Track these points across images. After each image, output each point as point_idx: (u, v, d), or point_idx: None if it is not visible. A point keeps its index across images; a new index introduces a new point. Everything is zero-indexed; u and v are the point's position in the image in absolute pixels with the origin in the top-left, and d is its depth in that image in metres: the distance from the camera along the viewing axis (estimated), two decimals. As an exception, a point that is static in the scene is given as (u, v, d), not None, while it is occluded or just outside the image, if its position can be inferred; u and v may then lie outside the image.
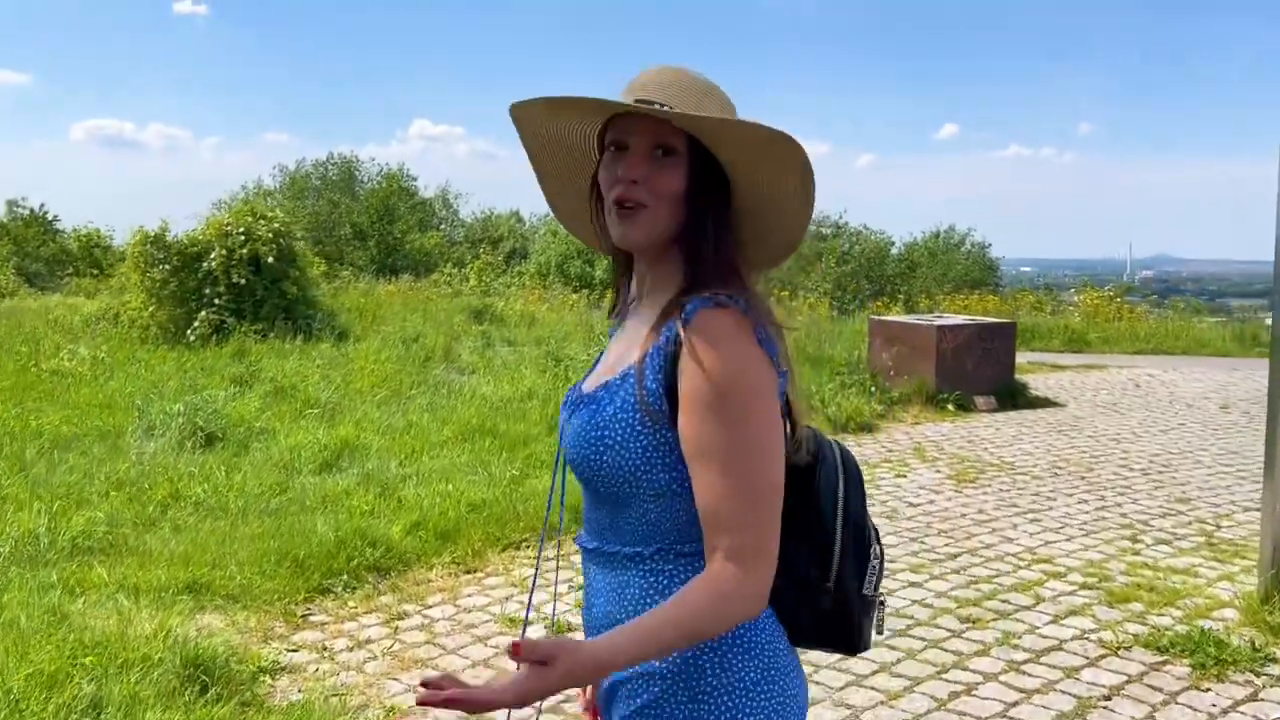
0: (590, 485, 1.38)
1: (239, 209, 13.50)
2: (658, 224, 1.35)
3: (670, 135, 1.33)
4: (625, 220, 1.35)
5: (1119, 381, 11.84)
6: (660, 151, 1.34)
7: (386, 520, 5.53)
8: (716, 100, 1.37)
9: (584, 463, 1.36)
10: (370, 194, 32.36)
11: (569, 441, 1.39)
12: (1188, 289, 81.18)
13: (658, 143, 1.34)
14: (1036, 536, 5.58)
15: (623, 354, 1.41)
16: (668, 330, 1.32)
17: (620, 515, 1.36)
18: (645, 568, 1.35)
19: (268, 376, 9.50)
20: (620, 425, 1.33)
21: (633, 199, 1.33)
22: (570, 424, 1.40)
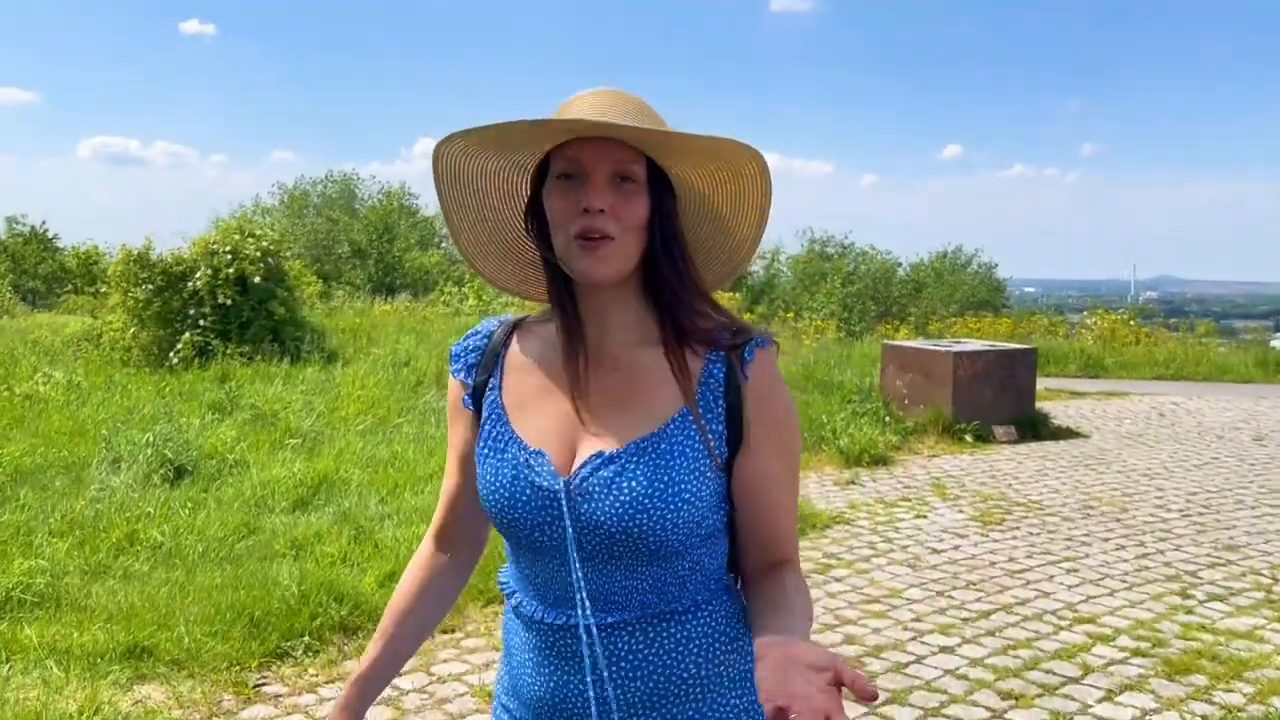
0: (638, 550, 1.27)
1: (226, 227, 13.03)
2: (625, 255, 1.28)
3: (631, 161, 1.27)
4: (591, 254, 1.26)
5: (1142, 410, 11.32)
6: (620, 179, 1.27)
7: (359, 569, 5.02)
8: (660, 121, 1.33)
9: (647, 527, 1.25)
10: (370, 212, 31.95)
11: (613, 509, 1.26)
12: (1192, 310, 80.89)
13: (619, 170, 1.27)
14: (1075, 590, 5.06)
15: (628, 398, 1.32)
16: (715, 372, 1.31)
17: (668, 571, 1.30)
18: (705, 613, 1.32)
19: (248, 403, 9.00)
20: (694, 476, 1.28)
21: (598, 230, 1.25)
22: (614, 488, 1.26)
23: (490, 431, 1.37)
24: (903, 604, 4.86)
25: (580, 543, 1.28)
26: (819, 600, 4.89)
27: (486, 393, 1.41)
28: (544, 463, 1.30)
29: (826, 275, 29.03)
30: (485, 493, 1.35)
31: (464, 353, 1.45)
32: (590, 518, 1.27)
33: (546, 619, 1.32)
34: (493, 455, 1.35)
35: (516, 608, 1.38)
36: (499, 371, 1.41)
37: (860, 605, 4.84)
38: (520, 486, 1.31)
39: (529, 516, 1.30)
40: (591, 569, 1.29)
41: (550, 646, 1.32)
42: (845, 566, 5.44)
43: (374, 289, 25.83)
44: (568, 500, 1.28)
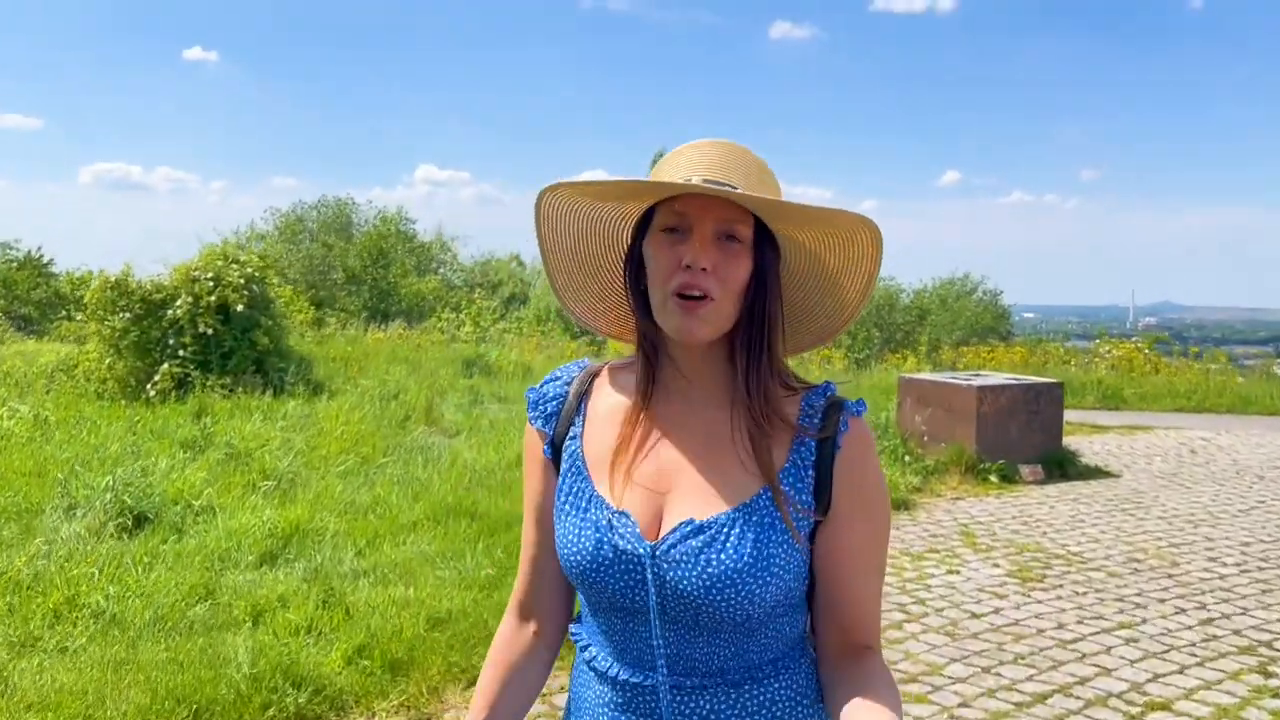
0: (723, 621, 1.24)
1: (209, 252, 12.46)
2: (723, 317, 1.25)
3: (737, 219, 1.25)
4: (689, 313, 1.23)
5: (1171, 446, 10.73)
6: (726, 237, 1.24)
7: (325, 641, 4.42)
8: (770, 177, 1.31)
9: (734, 600, 1.22)
10: (364, 237, 31.43)
11: (701, 580, 1.22)
12: (1191, 336, 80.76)
13: (723, 228, 1.24)
14: (1139, 666, 4.45)
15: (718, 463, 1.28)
16: (806, 440, 1.28)
17: (751, 640, 1.27)
18: (786, 677, 1.30)
19: (223, 440, 8.40)
20: (783, 549, 1.25)
21: (700, 288, 1.23)
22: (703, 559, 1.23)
23: (571, 486, 1.33)
24: (945, 683, 4.26)
25: (664, 609, 1.26)
26: (849, 678, 4.28)
27: (567, 443, 1.36)
28: (629, 525, 1.27)
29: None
30: (566, 552, 1.31)
31: (542, 400, 1.40)
32: (676, 586, 1.24)
33: (623, 676, 1.30)
34: (574, 513, 1.31)
35: (590, 661, 1.34)
36: (581, 421, 1.37)
37: (897, 685, 4.22)
38: (604, 549, 1.27)
39: (612, 580, 1.27)
40: (673, 634, 1.27)
41: (628, 703, 1.30)
42: (875, 635, 4.83)
43: (368, 316, 25.27)
44: (653, 566, 1.25)
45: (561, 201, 1.34)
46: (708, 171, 1.25)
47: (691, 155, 1.29)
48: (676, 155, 1.30)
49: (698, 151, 1.29)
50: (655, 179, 1.29)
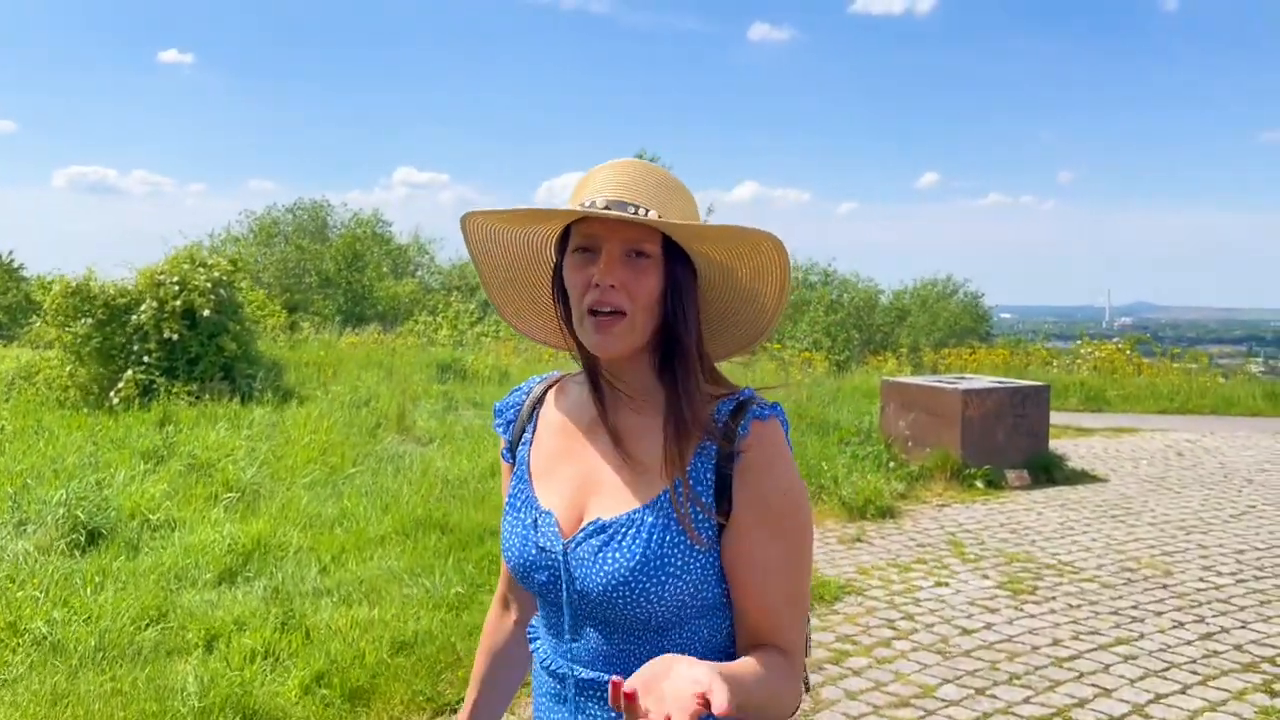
0: (627, 620, 1.28)
1: (175, 256, 12.12)
2: (636, 330, 1.31)
3: (644, 238, 1.29)
4: (602, 330, 1.29)
5: (1157, 449, 10.58)
6: (634, 254, 1.29)
7: (282, 668, 4.16)
8: (681, 195, 1.36)
9: (630, 599, 1.27)
10: (339, 240, 31.04)
11: (599, 579, 1.28)
12: (1166, 336, 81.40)
13: (630, 246, 1.29)
14: (1140, 686, 4.25)
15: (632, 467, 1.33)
16: (708, 445, 1.29)
17: (665, 639, 1.29)
18: None
19: (185, 450, 8.11)
20: (679, 550, 1.27)
21: (610, 303, 1.28)
22: (601, 558, 1.29)
23: (515, 489, 1.42)
24: (938, 707, 4.04)
25: (575, 605, 1.32)
26: (835, 702, 4.06)
27: (519, 448, 1.45)
28: (550, 524, 1.34)
29: (809, 304, 28.31)
30: (504, 549, 1.41)
31: (504, 409, 1.50)
32: (581, 584, 1.30)
33: (555, 667, 1.36)
34: (511, 512, 1.41)
35: (536, 651, 1.42)
36: (532, 428, 1.45)
37: (887, 710, 4.00)
38: (529, 547, 1.35)
39: (537, 575, 1.34)
40: (591, 629, 1.32)
41: (557, 692, 1.36)
42: (863, 654, 4.61)
43: (343, 320, 24.91)
44: (564, 564, 1.32)
45: (487, 227, 1.40)
46: (614, 192, 1.30)
47: (601, 176, 1.34)
48: (589, 177, 1.35)
49: (607, 172, 1.34)
50: (570, 200, 1.35)
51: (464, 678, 4.11)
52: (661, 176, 1.36)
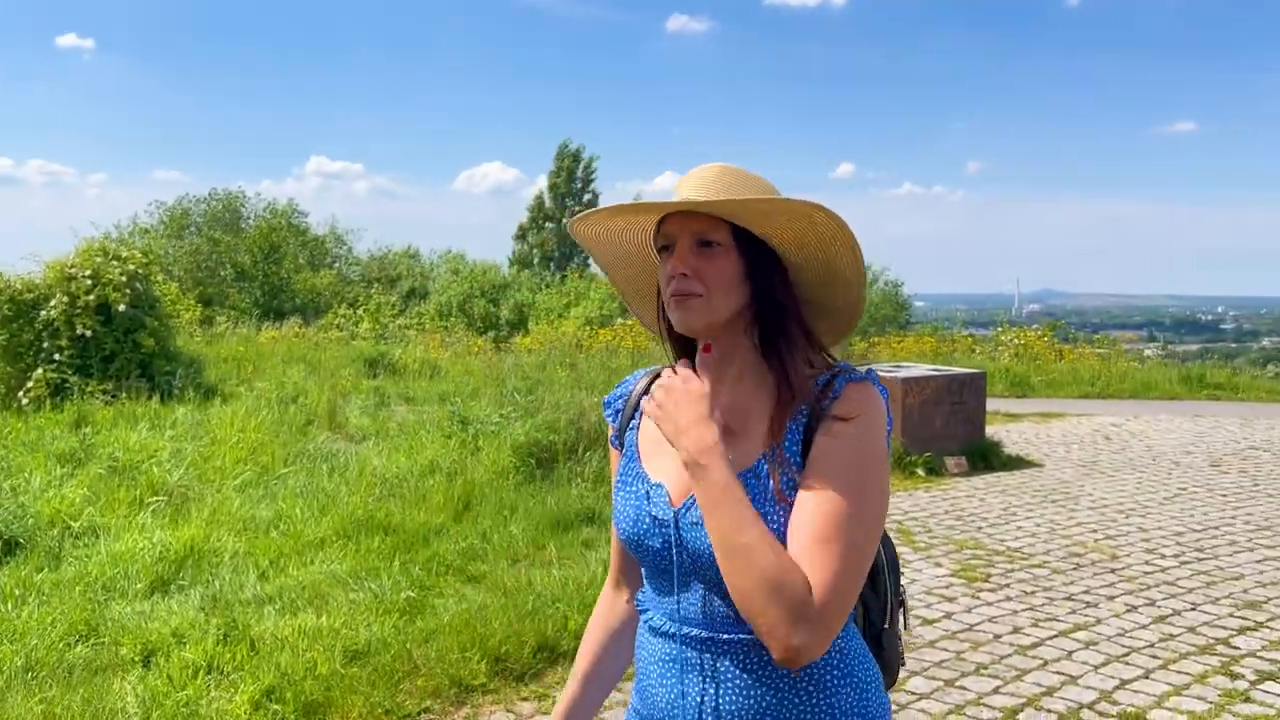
0: None
1: (86, 248, 11.59)
2: (712, 309, 1.40)
3: (709, 228, 1.39)
4: (681, 308, 1.40)
5: (1085, 433, 10.80)
6: (701, 243, 1.39)
7: (229, 683, 3.93)
8: (756, 188, 1.43)
9: None
10: (254, 231, 30.17)
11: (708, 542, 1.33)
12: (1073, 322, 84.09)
13: (698, 237, 1.40)
14: (1103, 673, 4.26)
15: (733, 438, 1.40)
16: (803, 410, 1.38)
17: None
18: None
19: (106, 452, 7.73)
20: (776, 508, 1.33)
21: (684, 290, 1.39)
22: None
23: (625, 467, 1.54)
24: (909, 699, 3.99)
25: (687, 568, 1.40)
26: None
27: (628, 433, 1.57)
28: (662, 495, 1.44)
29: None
30: (617, 522, 1.52)
31: (613, 400, 1.64)
32: (694, 546, 1.37)
33: (671, 629, 1.43)
34: (623, 488, 1.52)
35: (648, 621, 1.48)
36: (639, 414, 1.57)
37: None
38: (642, 518, 1.45)
39: (649, 541, 1.44)
40: (698, 590, 1.40)
41: (674, 656, 1.43)
42: (828, 648, 4.55)
43: (260, 314, 24.23)
44: (675, 530, 1.40)
45: (590, 228, 1.52)
46: (689, 193, 1.42)
47: (684, 182, 1.45)
48: (678, 183, 1.47)
49: (686, 179, 1.46)
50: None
51: (423, 687, 3.94)
52: (733, 174, 1.44)
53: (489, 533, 6.09)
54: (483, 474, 7.33)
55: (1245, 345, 66.42)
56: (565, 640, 4.37)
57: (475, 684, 4.02)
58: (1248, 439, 10.46)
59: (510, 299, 28.60)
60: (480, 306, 28.41)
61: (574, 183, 42.02)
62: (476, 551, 5.78)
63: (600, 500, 6.72)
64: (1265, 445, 10.06)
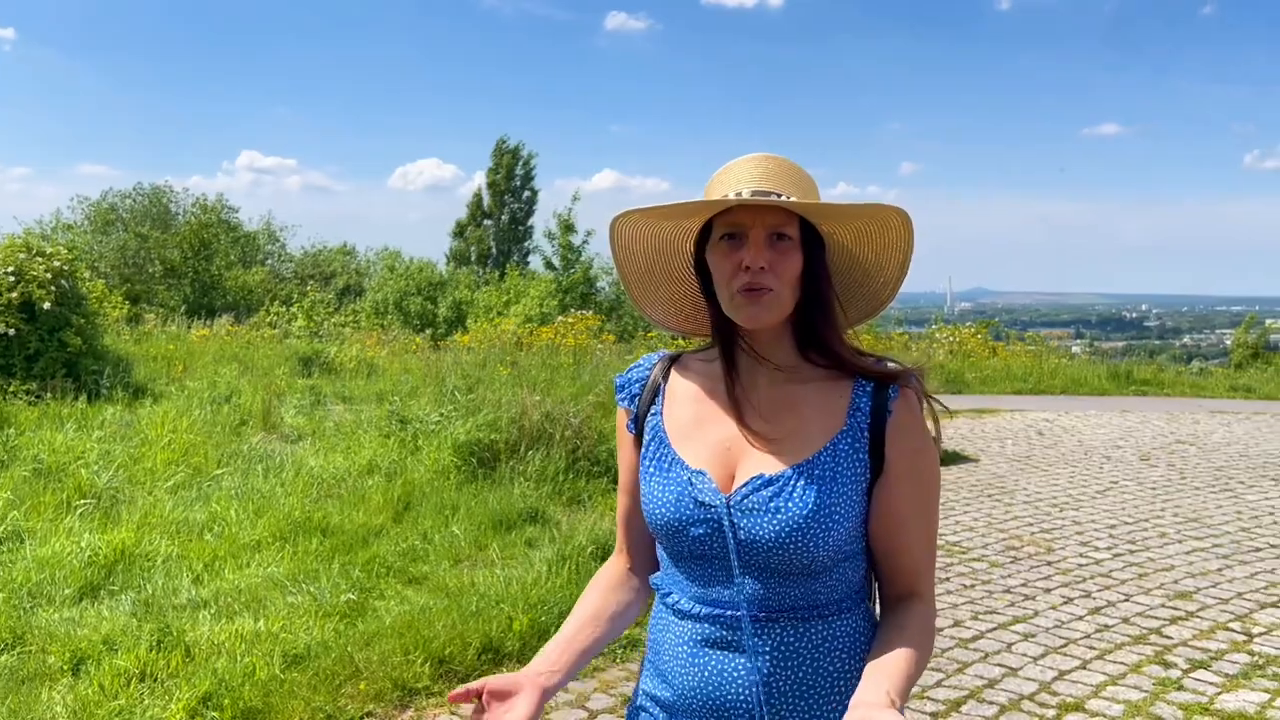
0: (792, 565, 1.41)
1: (9, 244, 11.22)
2: (782, 304, 1.43)
3: (785, 222, 1.42)
4: (754, 303, 1.41)
5: (1019, 428, 11.00)
6: (776, 237, 1.42)
7: (164, 690, 3.83)
8: (810, 184, 1.49)
9: (802, 545, 1.39)
10: (184, 227, 29.50)
11: (772, 528, 1.40)
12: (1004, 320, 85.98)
13: (773, 230, 1.42)
14: (1043, 664, 4.33)
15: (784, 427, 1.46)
16: (861, 404, 1.44)
17: (817, 582, 1.43)
18: (847, 618, 1.45)
19: (30, 454, 7.48)
20: (845, 500, 1.41)
21: (759, 283, 1.40)
22: (773, 508, 1.41)
23: (655, 452, 1.53)
24: (853, 695, 4.01)
25: (740, 554, 1.43)
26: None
27: (648, 418, 1.57)
28: (707, 481, 1.46)
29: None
30: (651, 507, 1.50)
31: (628, 383, 1.62)
32: (750, 533, 1.41)
33: (704, 613, 1.46)
34: (658, 473, 1.51)
35: (674, 605, 1.50)
36: (660, 399, 1.58)
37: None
38: (685, 503, 1.46)
39: (692, 529, 1.45)
40: (749, 576, 1.43)
41: (707, 637, 1.45)
42: (773, 644, 4.57)
43: (191, 311, 23.71)
44: (728, 516, 1.43)
45: (629, 227, 1.54)
46: (756, 184, 1.43)
47: (739, 170, 1.46)
48: (726, 172, 1.48)
49: (746, 166, 1.46)
50: (707, 195, 1.48)
51: (365, 690, 3.87)
52: (792, 167, 1.48)
53: (430, 533, 6.02)
54: (423, 474, 7.24)
55: (1168, 342, 68.33)
56: (510, 641, 4.33)
57: (419, 686, 3.96)
58: (1174, 433, 10.74)
59: (449, 297, 28.35)
60: (417, 304, 28.12)
61: (513, 180, 41.79)
62: (418, 552, 5.70)
63: (544, 500, 6.68)
64: (1191, 439, 10.34)
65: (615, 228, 1.54)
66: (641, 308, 1.64)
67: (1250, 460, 9.15)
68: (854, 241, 1.49)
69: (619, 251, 1.58)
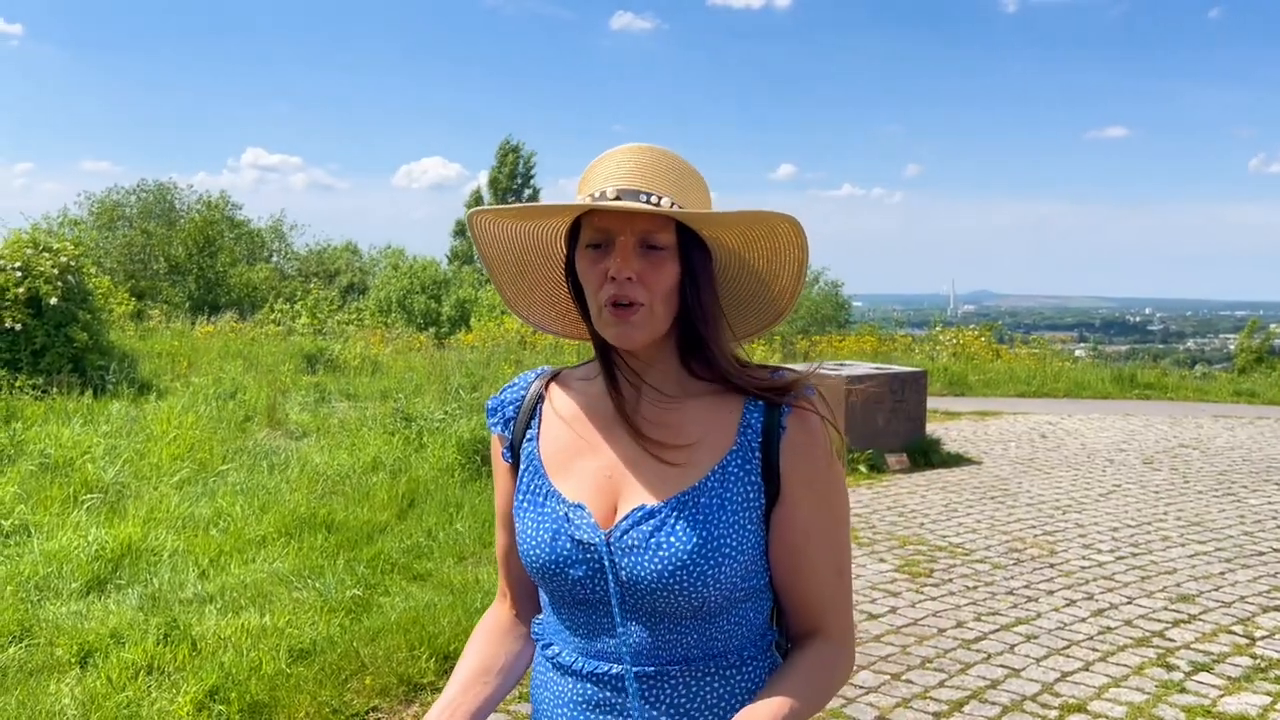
0: (680, 606, 1.25)
1: (15, 240, 11.27)
2: (656, 319, 1.28)
3: (658, 228, 1.26)
4: (622, 321, 1.26)
5: (1022, 431, 11.01)
6: (648, 246, 1.26)
7: (170, 684, 3.85)
8: (694, 180, 1.32)
9: (688, 583, 1.23)
10: (188, 223, 29.53)
11: (653, 565, 1.24)
12: (1007, 323, 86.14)
13: (644, 238, 1.26)
14: (1045, 665, 4.35)
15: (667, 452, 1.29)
16: (752, 421, 1.29)
17: (712, 626, 1.28)
18: (750, 668, 1.30)
19: (36, 449, 7.51)
20: (735, 530, 1.26)
21: (627, 297, 1.25)
22: (654, 544, 1.25)
23: (529, 484, 1.36)
24: (857, 694, 4.04)
25: (623, 597, 1.27)
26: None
27: (524, 444, 1.40)
28: (584, 516, 1.29)
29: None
30: (525, 547, 1.33)
31: (501, 406, 1.44)
32: (631, 572, 1.25)
33: (587, 669, 1.30)
34: (532, 509, 1.34)
35: (554, 658, 1.34)
36: (537, 423, 1.40)
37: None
38: (561, 541, 1.29)
39: (571, 571, 1.28)
40: (635, 622, 1.27)
41: (589, 699, 1.30)
42: (776, 643, 4.58)
43: (195, 308, 23.75)
44: (608, 555, 1.26)
45: (495, 224, 1.37)
46: (625, 181, 1.27)
47: (609, 165, 1.30)
48: (597, 164, 1.31)
49: (615, 161, 1.29)
50: (579, 190, 1.32)
51: (370, 685, 3.90)
52: (672, 161, 1.31)
53: (434, 530, 6.04)
54: (427, 471, 7.27)
55: (1172, 346, 68.28)
56: (515, 637, 4.35)
57: (424, 682, 3.98)
58: (1178, 437, 10.75)
59: (452, 295, 28.38)
60: (420, 303, 28.16)
61: (515, 179, 41.86)
62: (422, 549, 5.73)
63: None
64: (1194, 443, 10.34)
65: (473, 224, 1.37)
66: (516, 310, 1.46)
67: (1253, 465, 9.15)
68: (743, 247, 1.32)
69: (485, 248, 1.39)
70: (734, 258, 1.34)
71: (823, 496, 1.29)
